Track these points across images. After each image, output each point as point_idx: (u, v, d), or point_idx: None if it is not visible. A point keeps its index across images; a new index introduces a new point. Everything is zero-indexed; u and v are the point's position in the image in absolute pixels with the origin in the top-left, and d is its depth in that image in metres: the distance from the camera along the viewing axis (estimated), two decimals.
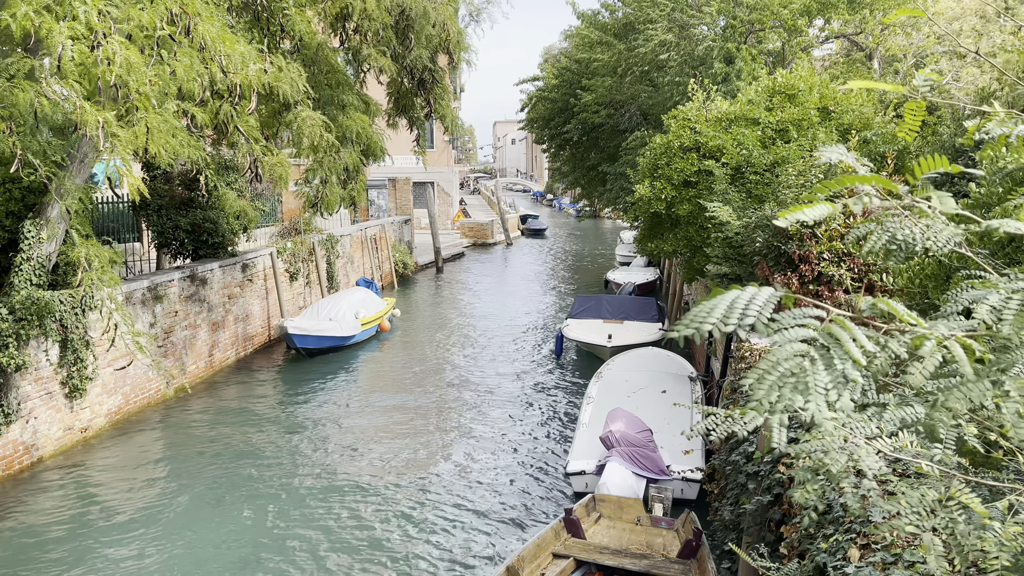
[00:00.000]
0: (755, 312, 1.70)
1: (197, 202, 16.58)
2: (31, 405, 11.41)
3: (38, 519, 9.87)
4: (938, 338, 1.69)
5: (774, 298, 1.73)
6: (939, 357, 1.66)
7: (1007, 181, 5.99)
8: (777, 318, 1.74)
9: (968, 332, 1.76)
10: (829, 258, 9.56)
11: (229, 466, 11.58)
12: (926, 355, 1.67)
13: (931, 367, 1.65)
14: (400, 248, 31.31)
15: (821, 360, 1.64)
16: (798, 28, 18.19)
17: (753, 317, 1.69)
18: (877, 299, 1.79)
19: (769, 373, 1.66)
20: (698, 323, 1.74)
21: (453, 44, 19.39)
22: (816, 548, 4.85)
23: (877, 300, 1.76)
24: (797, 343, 1.68)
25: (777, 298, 1.74)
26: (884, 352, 1.70)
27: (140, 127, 9.43)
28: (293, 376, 16.72)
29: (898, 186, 2.00)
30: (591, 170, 28.15)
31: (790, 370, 1.64)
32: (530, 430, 13.26)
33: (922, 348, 1.68)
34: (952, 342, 1.67)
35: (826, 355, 1.64)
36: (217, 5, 11.02)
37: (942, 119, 11.54)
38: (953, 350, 1.66)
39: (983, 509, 2.03)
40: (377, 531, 9.53)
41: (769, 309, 1.71)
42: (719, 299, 1.77)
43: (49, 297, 11.20)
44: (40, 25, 8.91)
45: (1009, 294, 1.74)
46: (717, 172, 11.81)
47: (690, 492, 9.83)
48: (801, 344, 1.68)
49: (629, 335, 17.02)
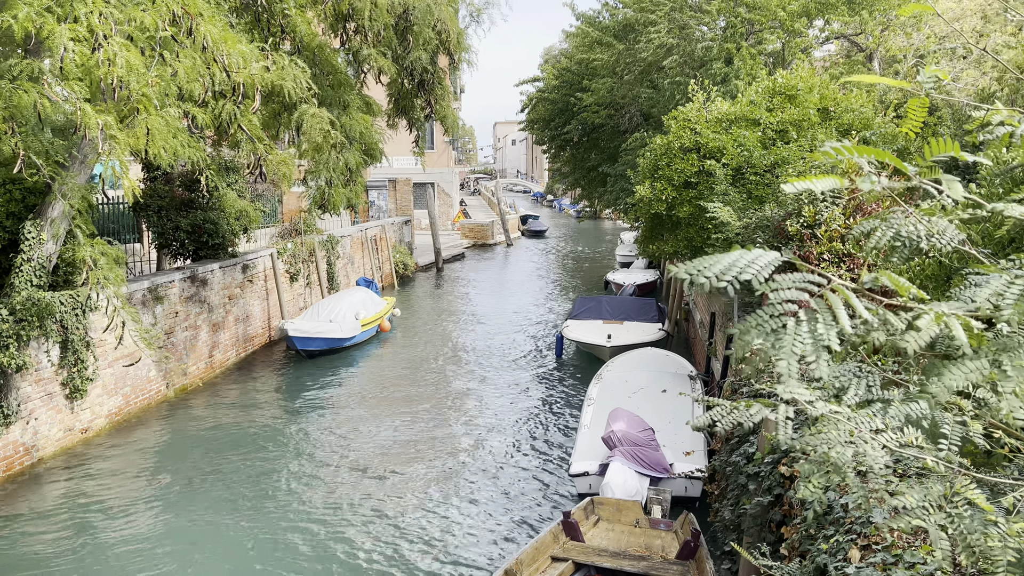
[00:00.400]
0: (754, 271, 1.71)
1: (198, 203, 16.58)
2: (31, 406, 11.40)
3: (38, 520, 9.86)
4: (938, 313, 1.71)
5: (777, 260, 1.75)
6: (935, 329, 1.68)
7: (1007, 181, 5.99)
8: (776, 278, 1.76)
9: (970, 312, 1.77)
10: (829, 259, 9.56)
11: (229, 467, 11.58)
12: (923, 326, 1.69)
13: (927, 337, 1.67)
14: (400, 249, 31.32)
15: (807, 321, 1.67)
16: (797, 30, 18.21)
17: (751, 275, 1.71)
18: (880, 271, 1.79)
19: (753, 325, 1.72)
20: (697, 271, 1.76)
21: (453, 45, 19.39)
22: (817, 549, 4.85)
23: (880, 273, 1.76)
24: (787, 303, 1.71)
25: (779, 261, 1.76)
26: (884, 326, 1.71)
27: (140, 129, 9.44)
28: (293, 377, 16.72)
29: (907, 167, 1.99)
30: (591, 171, 28.16)
31: (771, 326, 1.68)
32: (530, 431, 13.25)
33: (920, 320, 1.70)
34: (952, 319, 1.68)
35: (812, 316, 1.67)
36: (219, 5, 11.03)
37: (942, 120, 11.55)
38: (952, 325, 1.67)
39: (988, 505, 2.03)
40: (377, 532, 9.53)
41: (769, 270, 1.73)
42: (722, 255, 1.79)
43: (50, 298, 11.20)
44: (41, 27, 8.93)
45: (1012, 279, 1.75)
46: (718, 172, 11.81)
47: (694, 490, 9.83)
48: (791, 304, 1.71)
49: (629, 336, 17.03)
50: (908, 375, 2.36)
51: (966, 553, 1.98)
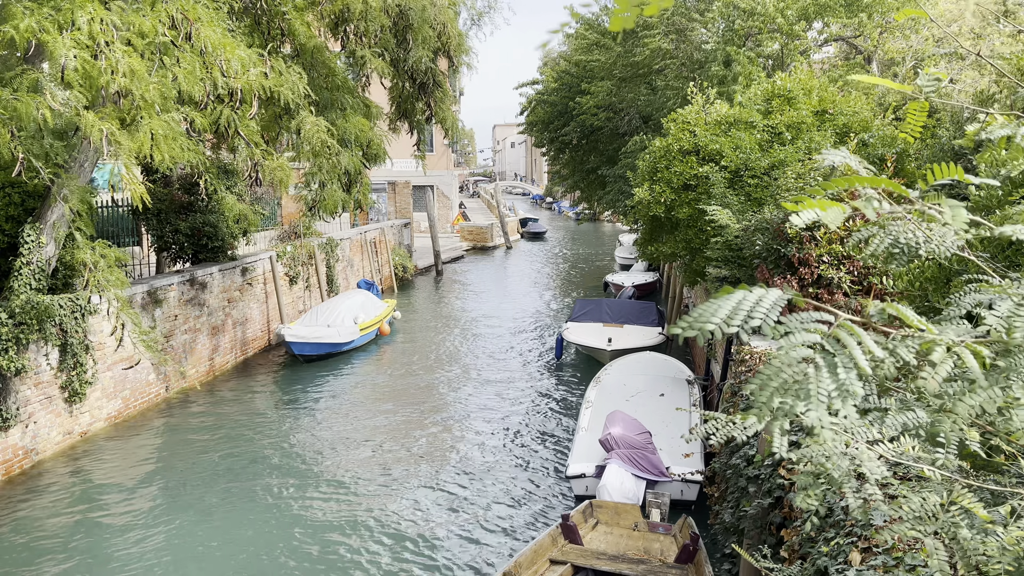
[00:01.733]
0: (761, 314, 1.66)
1: (197, 206, 16.58)
2: (31, 409, 11.40)
3: (37, 523, 9.85)
4: (949, 343, 1.66)
5: (782, 300, 1.70)
6: (951, 363, 1.63)
7: (1007, 184, 5.99)
8: (784, 321, 1.70)
9: (979, 339, 1.74)
10: (829, 261, 9.56)
11: (228, 470, 11.57)
12: (938, 361, 1.64)
13: (943, 373, 1.63)
14: (400, 251, 31.32)
15: (826, 367, 1.60)
16: (795, 33, 18.22)
17: (759, 319, 1.66)
18: (887, 304, 1.76)
19: (772, 379, 1.62)
20: (701, 323, 1.69)
21: (453, 47, 19.39)
22: (817, 551, 4.84)
23: (887, 305, 1.73)
24: (802, 348, 1.64)
25: (785, 300, 1.70)
26: (892, 357, 1.67)
27: (145, 134, 9.44)
28: (292, 381, 16.71)
29: (908, 191, 1.98)
30: (590, 173, 28.16)
31: (793, 376, 1.60)
32: (529, 433, 13.25)
33: (933, 354, 1.65)
34: (962, 348, 1.64)
35: (831, 361, 1.60)
36: (217, 10, 11.03)
37: (941, 122, 11.55)
38: (963, 356, 1.63)
39: (985, 513, 2.03)
40: (374, 536, 9.52)
41: (776, 311, 1.67)
42: (724, 299, 1.72)
43: (49, 301, 11.20)
44: (43, 36, 8.93)
45: (1021, 301, 1.73)
46: (715, 176, 11.82)
47: (690, 493, 9.83)
48: (806, 350, 1.64)
49: (629, 339, 17.03)
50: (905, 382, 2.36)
51: (963, 563, 1.98)
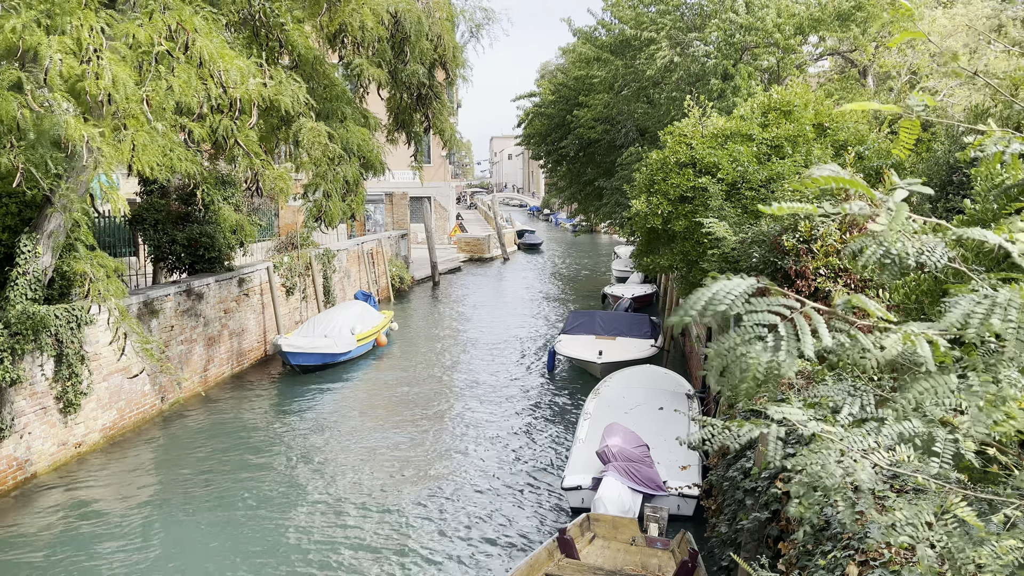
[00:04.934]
0: (729, 301, 1.90)
1: (194, 216, 16.58)
2: (25, 420, 11.34)
3: (31, 535, 9.78)
4: (906, 332, 1.88)
5: (751, 288, 1.94)
6: (900, 347, 1.87)
7: (1002, 197, 6.02)
8: (753, 302, 1.95)
9: (939, 332, 1.94)
10: (825, 274, 9.58)
11: (223, 482, 11.51)
12: (889, 345, 1.86)
13: (893, 352, 1.85)
14: (397, 263, 31.33)
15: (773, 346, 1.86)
16: (791, 47, 18.34)
17: (726, 305, 1.90)
18: (852, 296, 1.98)
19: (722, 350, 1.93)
20: (684, 312, 2.01)
21: (450, 60, 19.48)
22: (814, 564, 4.83)
23: (852, 297, 1.96)
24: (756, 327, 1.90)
25: (753, 288, 1.95)
26: (855, 345, 1.91)
27: (127, 143, 9.43)
28: (288, 392, 16.67)
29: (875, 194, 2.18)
30: (587, 185, 28.25)
31: (735, 347, 1.88)
32: (524, 446, 13.21)
33: (887, 339, 1.87)
34: (920, 338, 1.85)
35: (777, 339, 1.86)
36: (215, 21, 11.07)
37: (936, 136, 11.62)
38: (917, 343, 1.84)
39: (978, 522, 2.03)
40: (368, 548, 9.47)
41: (743, 299, 1.92)
42: (704, 290, 1.99)
43: (44, 312, 11.17)
44: (28, 38, 8.94)
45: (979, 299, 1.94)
46: (712, 188, 11.86)
47: (686, 508, 9.79)
48: (761, 328, 1.89)
49: (620, 352, 16.98)
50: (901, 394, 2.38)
51: (953, 572, 1.98)
